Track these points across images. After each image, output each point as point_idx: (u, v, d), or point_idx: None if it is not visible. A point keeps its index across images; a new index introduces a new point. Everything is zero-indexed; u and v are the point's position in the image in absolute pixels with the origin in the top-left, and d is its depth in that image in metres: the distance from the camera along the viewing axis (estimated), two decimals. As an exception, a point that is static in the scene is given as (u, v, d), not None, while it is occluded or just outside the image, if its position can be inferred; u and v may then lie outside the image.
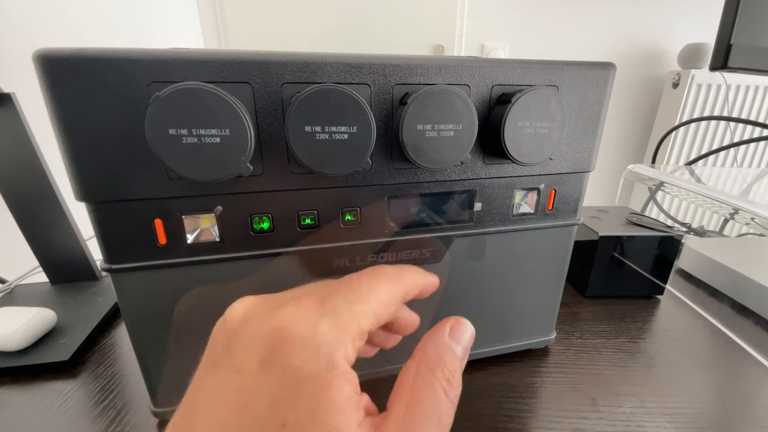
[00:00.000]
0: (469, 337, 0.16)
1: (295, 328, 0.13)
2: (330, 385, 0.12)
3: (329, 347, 0.13)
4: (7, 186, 0.39)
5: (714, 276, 0.47)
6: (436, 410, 0.14)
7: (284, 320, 0.13)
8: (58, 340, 0.33)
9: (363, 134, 0.20)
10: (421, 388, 0.14)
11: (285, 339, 0.12)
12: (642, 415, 0.28)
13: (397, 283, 0.16)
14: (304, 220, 0.23)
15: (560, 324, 0.38)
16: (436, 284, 0.19)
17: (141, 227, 0.21)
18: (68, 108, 0.18)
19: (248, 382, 0.12)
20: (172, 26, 1.12)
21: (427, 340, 0.16)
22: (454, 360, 0.15)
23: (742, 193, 0.52)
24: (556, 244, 0.30)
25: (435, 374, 0.14)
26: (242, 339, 0.13)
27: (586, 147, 0.27)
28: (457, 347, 0.16)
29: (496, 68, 0.23)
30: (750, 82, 1.35)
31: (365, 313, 0.14)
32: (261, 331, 0.13)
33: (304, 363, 0.12)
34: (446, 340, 0.16)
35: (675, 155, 1.44)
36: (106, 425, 0.26)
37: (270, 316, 0.13)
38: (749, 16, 0.39)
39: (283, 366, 0.12)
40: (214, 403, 0.12)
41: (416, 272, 0.18)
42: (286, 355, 0.12)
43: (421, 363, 0.15)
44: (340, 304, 0.14)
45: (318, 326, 0.13)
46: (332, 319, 0.13)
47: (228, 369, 0.12)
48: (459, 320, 0.17)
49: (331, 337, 0.13)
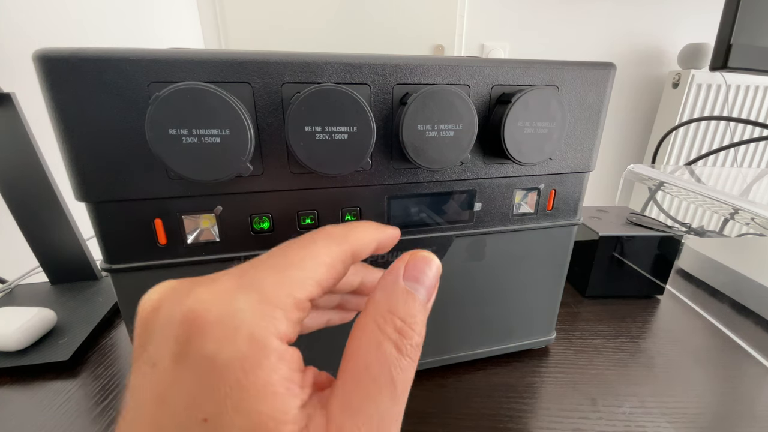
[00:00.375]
0: (433, 273, 0.14)
1: (208, 310, 0.11)
2: (257, 366, 0.11)
3: (250, 325, 0.11)
4: (7, 186, 0.39)
5: (714, 276, 0.47)
6: (386, 372, 0.11)
7: (195, 303, 0.11)
8: (58, 340, 0.33)
9: (363, 134, 0.20)
10: (367, 347, 0.12)
11: (196, 325, 0.11)
12: (642, 415, 0.28)
13: (341, 241, 0.14)
14: (304, 220, 0.23)
15: (560, 324, 0.38)
16: (396, 236, 0.17)
17: (141, 227, 0.21)
18: (68, 108, 0.18)
19: (164, 377, 0.11)
20: (172, 26, 1.12)
21: (378, 286, 0.13)
22: (410, 305, 0.13)
23: (742, 193, 0.52)
24: (556, 244, 0.30)
25: (383, 328, 0.12)
26: (154, 330, 0.11)
27: (586, 147, 0.27)
28: (418, 288, 0.13)
29: (496, 68, 0.23)
30: (750, 82, 1.35)
31: (299, 280, 0.12)
32: (171, 319, 0.11)
33: (220, 348, 0.10)
34: (400, 283, 0.13)
35: (675, 155, 1.44)
36: (106, 425, 0.26)
37: (180, 301, 0.11)
38: (749, 16, 0.39)
39: (198, 356, 0.10)
40: (136, 401, 0.11)
41: (368, 227, 0.16)
42: (199, 343, 0.11)
43: (368, 315, 0.13)
44: (265, 275, 0.12)
45: (234, 303, 0.11)
46: (252, 292, 0.12)
47: (145, 364, 0.11)
48: (416, 254, 0.14)
49: (252, 313, 0.11)
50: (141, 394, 0.11)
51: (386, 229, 0.17)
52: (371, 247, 0.16)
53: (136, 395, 0.11)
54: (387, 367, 0.12)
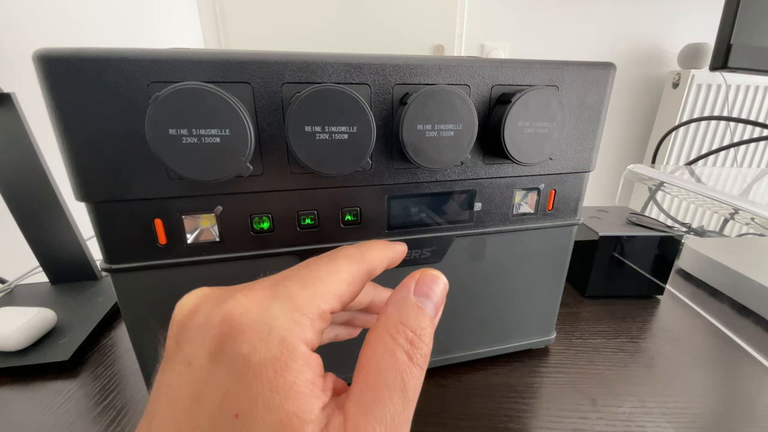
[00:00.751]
0: (441, 290, 0.15)
1: (244, 314, 0.12)
2: (286, 368, 0.11)
3: (282, 330, 0.12)
4: (7, 186, 0.39)
5: (714, 276, 0.47)
6: (398, 378, 0.12)
7: (233, 308, 0.12)
8: (58, 340, 0.33)
9: (363, 134, 0.20)
10: (381, 355, 0.13)
11: (233, 327, 0.12)
12: (642, 415, 0.28)
13: (359, 260, 0.16)
14: (304, 220, 0.23)
15: (560, 324, 0.38)
16: (404, 252, 0.19)
17: (141, 227, 0.21)
18: (68, 108, 0.18)
19: (199, 375, 0.11)
20: (172, 26, 1.12)
21: (390, 300, 0.15)
22: (420, 318, 0.14)
23: (742, 193, 0.52)
24: (556, 244, 0.30)
25: (396, 338, 0.13)
26: (191, 331, 0.12)
27: (586, 147, 0.27)
28: (427, 303, 0.14)
29: (496, 68, 0.23)
30: (750, 82, 1.35)
31: (324, 294, 0.14)
32: (209, 321, 0.12)
33: (255, 349, 0.11)
34: (411, 298, 0.14)
35: (675, 155, 1.44)
36: (106, 425, 0.26)
37: (219, 306, 0.12)
38: (749, 16, 0.39)
39: (233, 355, 0.11)
40: (169, 398, 0.12)
41: (381, 246, 0.17)
42: (235, 344, 0.11)
43: (381, 327, 0.14)
44: (295, 287, 0.13)
45: (269, 309, 0.12)
46: (285, 301, 0.13)
47: (180, 363, 0.12)
48: (426, 272, 0.15)
49: (284, 319, 0.12)
50: (174, 391, 0.12)
51: (395, 247, 0.18)
52: (384, 265, 0.17)
53: (168, 393, 0.12)
54: (400, 374, 0.12)
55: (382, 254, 0.17)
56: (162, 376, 0.12)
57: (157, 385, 0.12)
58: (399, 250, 0.19)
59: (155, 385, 0.12)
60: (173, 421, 0.11)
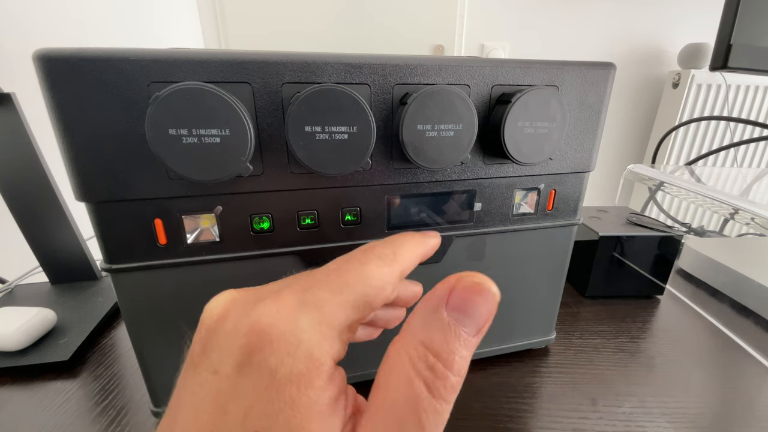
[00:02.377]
0: (488, 306, 0.12)
1: (274, 325, 0.11)
2: (310, 385, 0.11)
3: (310, 344, 0.11)
4: (7, 186, 0.39)
5: (714, 276, 0.47)
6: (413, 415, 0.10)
7: (261, 317, 0.12)
8: (58, 340, 0.33)
9: (363, 134, 0.20)
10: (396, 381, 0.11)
11: (262, 338, 0.11)
12: (642, 415, 0.28)
13: (391, 262, 0.14)
14: (304, 220, 0.23)
15: (560, 324, 0.38)
16: (436, 246, 0.17)
17: (141, 227, 0.21)
18: (68, 108, 0.18)
19: (225, 385, 0.11)
20: (172, 26, 1.12)
21: (417, 310, 0.12)
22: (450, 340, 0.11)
23: (742, 193, 0.52)
24: (556, 244, 0.30)
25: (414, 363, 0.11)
26: (219, 338, 0.12)
27: (586, 147, 0.27)
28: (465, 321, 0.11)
29: (496, 68, 0.23)
30: (750, 82, 1.35)
31: (353, 303, 0.13)
32: (238, 329, 0.12)
33: (282, 363, 0.11)
34: (441, 313, 0.12)
35: (675, 155, 1.44)
36: (106, 425, 0.26)
37: (247, 313, 0.12)
38: (749, 16, 0.39)
39: (260, 368, 0.11)
40: (193, 405, 0.11)
41: (414, 243, 0.16)
42: (263, 356, 0.11)
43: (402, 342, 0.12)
44: (324, 295, 0.12)
45: (298, 322, 0.12)
46: (314, 312, 0.12)
47: (206, 371, 0.12)
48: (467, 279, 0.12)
49: (313, 333, 0.11)
50: (199, 399, 0.11)
51: (428, 241, 0.17)
52: (416, 264, 0.16)
53: (194, 399, 0.11)
54: (415, 409, 0.11)
55: (415, 252, 0.16)
56: (186, 381, 0.12)
57: (181, 388, 0.12)
58: (433, 245, 0.17)
59: (179, 388, 0.12)
60: (196, 429, 0.11)
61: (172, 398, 0.12)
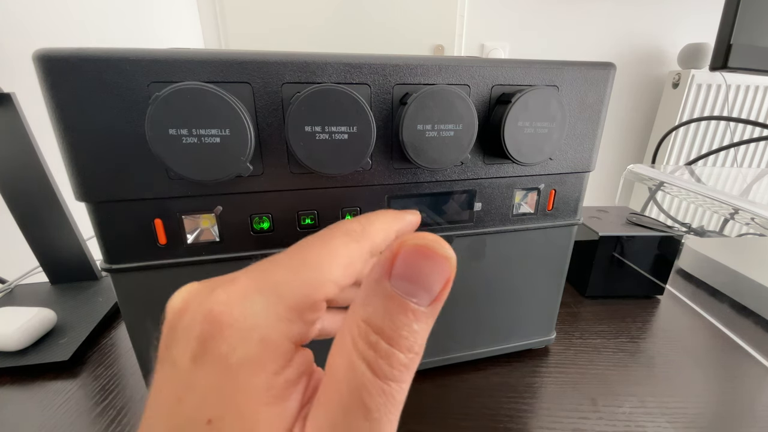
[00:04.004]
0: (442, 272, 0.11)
1: (225, 311, 0.11)
2: (262, 369, 0.10)
3: (264, 327, 0.11)
4: (7, 186, 0.39)
5: (714, 276, 0.47)
6: (355, 399, 0.10)
7: (215, 304, 0.11)
8: (58, 340, 0.33)
9: (363, 134, 0.20)
10: (339, 364, 0.10)
11: (214, 326, 0.11)
12: (642, 415, 0.28)
13: (359, 237, 0.14)
14: (304, 220, 0.23)
15: (560, 324, 0.38)
16: (416, 222, 0.17)
17: (141, 227, 0.21)
18: (68, 108, 0.18)
19: (182, 377, 0.11)
20: (172, 26, 1.12)
21: (363, 282, 0.11)
22: (396, 315, 0.10)
23: (742, 193, 0.52)
24: (556, 244, 0.30)
25: (355, 342, 0.10)
26: (178, 331, 0.11)
27: (586, 147, 0.27)
28: (416, 291, 0.10)
29: (496, 68, 0.23)
30: (750, 82, 1.35)
31: (315, 282, 0.12)
32: (194, 319, 0.11)
33: (233, 349, 0.10)
34: (384, 284, 0.10)
35: (675, 155, 1.44)
36: (106, 425, 0.26)
37: (203, 303, 0.11)
38: (749, 16, 0.39)
39: (213, 355, 0.10)
40: (157, 399, 0.11)
41: (386, 218, 0.15)
42: (215, 344, 0.11)
43: (344, 322, 0.11)
44: (282, 276, 0.12)
45: (252, 305, 0.11)
46: (269, 294, 0.11)
47: (167, 364, 0.11)
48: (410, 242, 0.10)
49: (267, 315, 0.11)
50: (161, 393, 0.11)
51: (405, 217, 0.16)
52: (390, 239, 0.15)
53: (156, 394, 0.11)
54: (359, 392, 0.10)
55: (388, 227, 0.15)
56: (155, 377, 0.12)
57: (152, 385, 0.12)
58: (410, 221, 0.16)
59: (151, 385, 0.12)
60: (155, 423, 0.11)
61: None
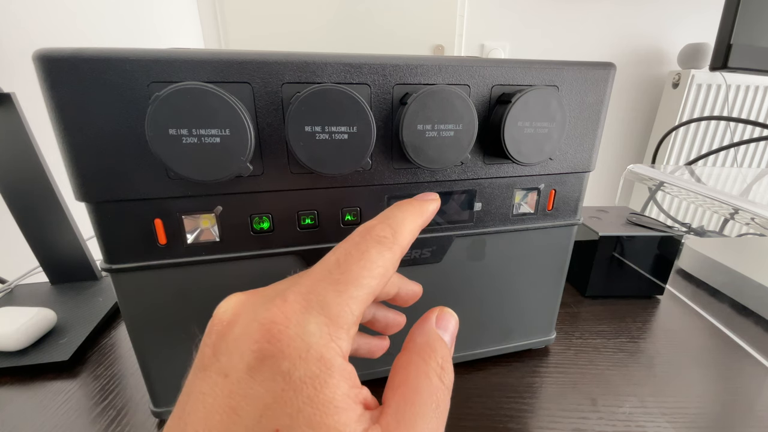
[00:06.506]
0: (454, 325, 0.18)
1: (284, 330, 0.12)
2: (325, 384, 0.12)
3: (319, 346, 0.12)
4: (7, 186, 0.39)
5: (714, 276, 0.47)
6: (433, 397, 0.14)
7: (270, 321, 0.12)
8: (58, 340, 0.33)
9: (363, 134, 0.20)
10: (417, 377, 0.14)
11: (273, 344, 0.12)
12: (642, 415, 0.28)
13: (391, 244, 0.15)
14: (304, 220, 0.23)
15: (560, 324, 0.38)
16: (438, 206, 0.19)
17: (141, 227, 0.21)
18: (68, 108, 0.18)
19: (237, 388, 0.12)
20: (172, 26, 1.12)
21: (416, 332, 0.16)
22: (444, 347, 0.16)
23: (742, 193, 0.52)
24: (556, 244, 0.30)
25: (428, 363, 0.15)
26: (229, 342, 0.12)
27: (586, 147, 0.27)
28: (446, 335, 0.17)
29: (496, 68, 0.23)
30: (750, 82, 1.35)
31: (358, 299, 0.13)
32: (248, 333, 0.12)
33: (295, 367, 0.12)
34: (435, 329, 0.16)
35: (675, 155, 1.44)
36: (106, 425, 0.26)
37: (256, 318, 0.12)
38: (749, 16, 0.39)
39: (273, 371, 0.12)
40: (204, 408, 0.12)
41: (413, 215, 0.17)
42: (275, 361, 0.12)
43: (414, 353, 0.15)
44: (329, 296, 0.13)
45: (306, 326, 0.12)
46: (321, 314, 0.13)
47: (216, 374, 0.12)
48: (443, 310, 0.18)
49: (321, 336, 0.12)
50: (210, 401, 0.12)
51: (428, 207, 0.18)
52: (416, 235, 0.17)
53: (204, 402, 0.12)
54: (434, 394, 0.14)
55: (414, 227, 0.17)
56: (195, 383, 0.12)
57: (190, 390, 0.12)
58: (432, 210, 0.18)
59: (187, 390, 0.12)
60: (209, 430, 0.11)
61: (178, 400, 0.13)
